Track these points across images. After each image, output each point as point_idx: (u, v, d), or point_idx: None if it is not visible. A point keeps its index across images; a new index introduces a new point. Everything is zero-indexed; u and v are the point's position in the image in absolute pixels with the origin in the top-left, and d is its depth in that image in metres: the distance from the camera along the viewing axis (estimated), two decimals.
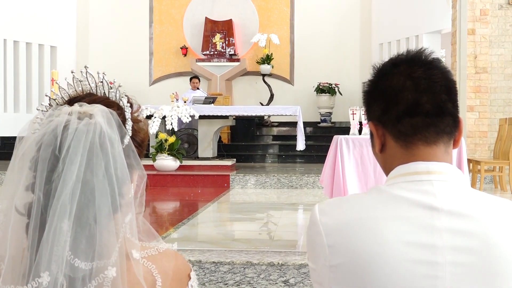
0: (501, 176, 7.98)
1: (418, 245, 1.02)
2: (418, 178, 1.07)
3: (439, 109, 1.10)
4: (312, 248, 1.11)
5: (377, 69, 1.18)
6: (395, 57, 1.17)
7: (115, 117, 1.03)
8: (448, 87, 1.11)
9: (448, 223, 1.03)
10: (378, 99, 1.15)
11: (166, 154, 8.98)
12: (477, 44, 9.31)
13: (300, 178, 8.68)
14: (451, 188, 1.07)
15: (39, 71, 12.16)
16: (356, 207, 1.09)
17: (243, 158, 11.49)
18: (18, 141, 1.03)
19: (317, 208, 1.12)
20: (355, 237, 1.04)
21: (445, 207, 1.04)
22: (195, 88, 11.63)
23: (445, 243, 1.02)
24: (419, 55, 1.14)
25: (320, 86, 13.09)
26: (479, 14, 9.28)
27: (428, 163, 1.09)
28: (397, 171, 1.11)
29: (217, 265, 3.78)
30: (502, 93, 9.34)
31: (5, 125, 11.14)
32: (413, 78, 1.11)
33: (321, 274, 1.08)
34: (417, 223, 1.03)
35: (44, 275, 0.93)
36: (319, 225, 1.08)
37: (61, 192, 0.95)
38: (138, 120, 1.13)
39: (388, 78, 1.13)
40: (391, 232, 1.03)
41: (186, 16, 13.93)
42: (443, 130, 1.11)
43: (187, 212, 6.51)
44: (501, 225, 1.04)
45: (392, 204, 1.06)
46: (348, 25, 13.54)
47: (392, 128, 1.12)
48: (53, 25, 12.34)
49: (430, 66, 1.12)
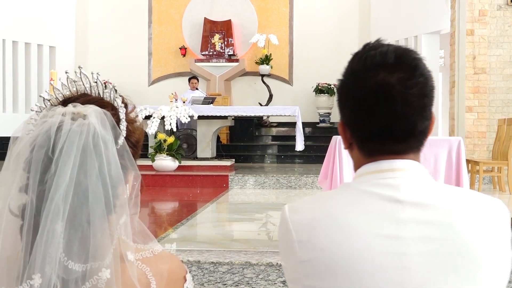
0: (500, 176, 7.98)
1: (385, 237, 1.04)
2: (383, 176, 1.09)
3: (410, 132, 1.09)
4: (283, 246, 1.12)
5: (350, 66, 1.14)
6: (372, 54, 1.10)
7: (109, 117, 1.02)
8: (423, 104, 1.09)
9: (413, 215, 1.05)
10: (348, 105, 1.13)
11: (165, 154, 8.98)
12: (476, 45, 9.32)
13: (299, 179, 8.68)
14: (414, 181, 1.08)
15: (38, 71, 12.16)
16: (325, 204, 1.11)
17: (242, 158, 11.49)
18: (12, 142, 1.03)
19: (286, 207, 1.13)
20: (324, 232, 1.06)
21: (409, 199, 1.06)
22: (194, 88, 11.63)
23: (411, 234, 1.04)
24: (399, 59, 1.09)
25: (319, 86, 13.10)
26: (478, 14, 9.29)
27: (392, 161, 1.10)
28: (363, 169, 1.13)
29: (216, 266, 3.78)
30: (501, 93, 9.35)
31: (4, 125, 11.13)
32: (388, 99, 1.07)
33: (293, 271, 1.09)
34: (383, 216, 1.05)
35: (36, 277, 0.92)
36: (288, 223, 1.10)
37: (54, 194, 0.94)
38: (133, 120, 1.12)
39: (359, 83, 1.10)
40: (359, 226, 1.05)
41: (185, 17, 13.93)
42: (413, 146, 1.12)
43: (186, 213, 6.50)
44: (464, 214, 1.06)
45: (360, 199, 1.08)
46: (347, 25, 13.55)
47: (359, 141, 1.13)
48: (52, 25, 12.34)
49: (411, 76, 1.07)
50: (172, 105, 9.14)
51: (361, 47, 1.14)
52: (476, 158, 8.61)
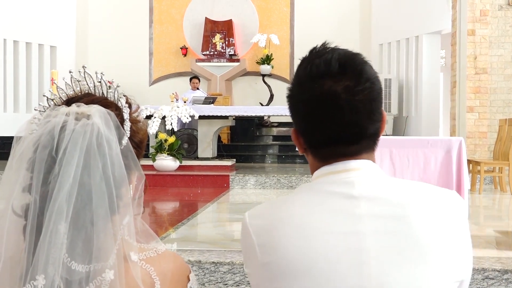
0: (501, 177, 7.97)
1: (343, 234, 1.05)
2: (338, 176, 1.11)
3: (360, 136, 1.11)
4: (244, 251, 1.14)
5: (297, 74, 1.14)
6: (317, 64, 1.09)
7: (113, 117, 1.02)
8: (371, 109, 1.10)
9: (368, 209, 1.07)
10: (298, 114, 1.14)
11: (165, 154, 8.97)
12: (477, 45, 9.31)
13: (300, 179, 8.68)
14: (368, 178, 1.11)
15: (39, 71, 12.17)
16: (283, 207, 1.13)
17: (243, 158, 11.48)
18: (16, 141, 1.02)
19: (247, 213, 1.15)
20: (283, 234, 1.07)
21: (364, 195, 1.08)
22: (195, 88, 11.62)
23: (368, 229, 1.05)
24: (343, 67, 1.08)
25: None
26: (479, 14, 9.28)
27: (346, 162, 1.12)
28: (319, 172, 1.15)
29: (217, 265, 3.78)
30: (502, 93, 9.34)
31: (5, 125, 11.14)
32: (335, 107, 1.08)
33: (256, 276, 1.11)
34: (340, 213, 1.07)
35: (39, 278, 0.92)
36: (248, 228, 1.12)
37: (57, 194, 0.94)
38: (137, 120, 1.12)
39: (306, 93, 1.10)
40: (317, 225, 1.06)
41: (186, 16, 13.93)
42: (365, 147, 1.13)
43: (186, 212, 6.50)
44: (417, 206, 1.07)
45: (316, 198, 1.10)
46: (348, 25, 13.54)
47: (312, 149, 1.15)
48: (53, 25, 12.34)
49: (357, 83, 1.08)
50: (173, 105, 9.14)
51: (308, 53, 1.15)
52: (477, 158, 8.60)
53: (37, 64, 12.12)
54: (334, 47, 1.13)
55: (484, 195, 7.58)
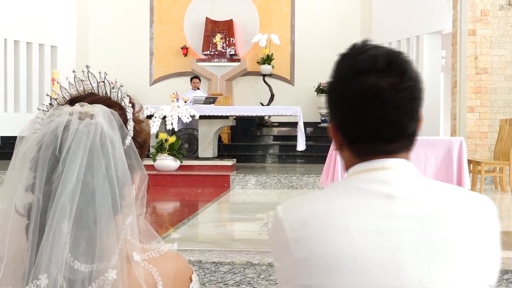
0: (502, 177, 7.97)
1: (380, 232, 1.05)
2: (375, 174, 1.11)
3: (400, 134, 1.12)
4: (276, 246, 1.12)
5: (339, 69, 1.14)
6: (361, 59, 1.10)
7: (117, 117, 1.02)
8: (413, 108, 1.11)
9: (406, 209, 1.07)
10: (338, 108, 1.14)
11: (166, 154, 8.98)
12: (478, 45, 9.31)
13: (301, 179, 8.68)
14: (405, 177, 1.11)
15: (40, 70, 12.16)
16: (317, 202, 1.11)
17: (243, 158, 11.49)
18: (19, 141, 1.02)
19: (279, 207, 1.14)
20: (319, 230, 1.06)
21: (402, 194, 1.08)
22: (196, 88, 11.63)
23: (404, 228, 1.05)
24: (390, 64, 1.09)
25: (320, 86, 13.08)
26: (480, 14, 9.28)
27: (384, 160, 1.12)
28: (354, 168, 1.14)
29: (217, 265, 3.78)
30: (503, 93, 9.34)
31: (5, 124, 11.14)
32: (378, 104, 1.08)
33: (288, 271, 1.09)
34: (377, 212, 1.07)
35: (42, 277, 0.92)
36: (282, 222, 1.10)
37: (61, 194, 0.93)
38: (140, 120, 1.11)
39: (349, 88, 1.10)
40: (352, 222, 1.06)
41: (186, 16, 13.93)
42: (403, 146, 1.14)
43: (187, 212, 6.50)
44: (453, 208, 1.09)
45: (351, 195, 1.09)
46: (349, 25, 13.54)
47: (349, 144, 1.15)
48: (54, 24, 12.34)
49: (401, 81, 1.08)
50: (174, 105, 9.14)
51: (348, 49, 1.14)
52: (477, 158, 8.60)
53: (37, 64, 12.12)
54: (375, 44, 1.13)
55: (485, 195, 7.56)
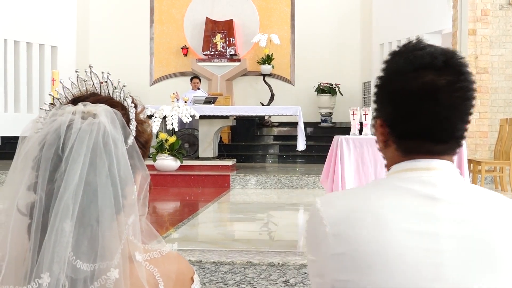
0: (502, 176, 7.97)
1: (421, 233, 1.04)
2: (419, 174, 1.10)
3: (451, 134, 1.11)
4: (313, 239, 1.11)
5: (394, 64, 1.13)
6: (420, 55, 1.09)
7: (119, 117, 1.02)
8: (466, 108, 1.11)
9: (449, 212, 1.05)
10: (390, 103, 1.13)
11: (166, 154, 8.98)
12: (478, 45, 9.31)
13: (301, 178, 8.68)
14: (449, 180, 1.09)
15: (40, 71, 12.17)
16: (358, 198, 1.10)
17: (244, 158, 11.49)
18: (21, 140, 1.02)
19: (318, 200, 1.13)
20: (359, 226, 1.05)
21: (446, 197, 1.07)
22: (196, 88, 11.63)
23: (446, 232, 1.04)
24: (448, 62, 1.08)
25: (320, 86, 13.09)
26: (480, 14, 9.28)
27: (428, 160, 1.11)
28: (397, 167, 1.13)
29: (218, 265, 3.78)
30: (503, 93, 9.34)
31: (6, 125, 11.14)
32: (434, 101, 1.07)
33: (323, 265, 1.08)
34: (418, 212, 1.05)
35: (44, 276, 0.91)
36: (321, 215, 1.09)
37: (63, 192, 0.93)
38: (143, 121, 1.12)
39: (405, 83, 1.09)
40: (393, 221, 1.05)
41: (186, 16, 13.93)
42: (450, 148, 1.13)
43: (187, 212, 6.50)
44: (496, 215, 1.07)
45: (394, 194, 1.08)
46: (349, 25, 13.54)
47: (397, 139, 1.13)
48: (54, 25, 12.34)
49: (457, 80, 1.08)
50: (174, 105, 9.14)
51: (403, 46, 1.13)
52: (478, 158, 8.60)
53: (37, 64, 12.12)
54: (430, 44, 1.13)
55: None
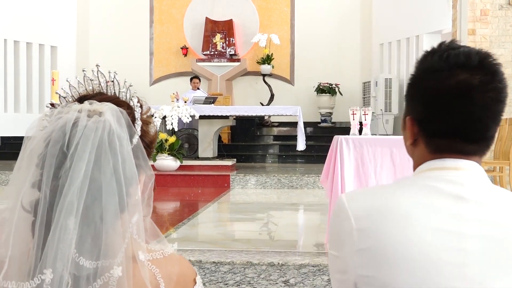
0: (502, 176, 7.97)
1: (446, 232, 1.04)
2: (447, 173, 1.10)
3: (481, 134, 1.11)
4: (337, 234, 1.11)
5: (427, 62, 1.12)
6: (455, 54, 1.09)
7: (125, 116, 1.02)
8: (497, 110, 1.10)
9: (476, 212, 1.05)
10: (421, 101, 1.13)
11: (166, 154, 8.98)
12: (478, 44, 9.30)
13: (301, 178, 8.68)
14: (477, 181, 1.09)
15: (40, 71, 12.16)
16: (384, 194, 1.10)
17: (244, 158, 11.49)
18: (26, 138, 1.03)
19: (344, 195, 1.13)
20: (384, 222, 1.06)
21: (473, 198, 1.06)
22: (196, 88, 11.63)
23: (473, 232, 1.04)
24: (482, 62, 1.09)
25: (320, 86, 13.09)
26: (480, 14, 9.28)
27: (457, 160, 1.11)
28: (425, 166, 1.13)
29: (217, 265, 3.78)
30: None
31: (5, 125, 11.14)
32: (468, 100, 1.07)
33: (346, 261, 1.08)
34: (445, 211, 1.05)
35: (47, 272, 0.92)
36: (347, 210, 1.09)
37: (68, 189, 0.94)
38: (148, 121, 1.12)
39: (439, 81, 1.09)
40: (420, 219, 1.04)
41: (186, 16, 13.93)
42: (479, 150, 1.12)
43: (187, 212, 6.51)
44: None
45: (421, 192, 1.08)
46: (349, 25, 13.54)
47: (427, 137, 1.13)
48: (54, 25, 12.34)
49: (491, 80, 1.08)
50: (174, 105, 9.15)
51: (437, 46, 1.13)
52: None
53: (37, 64, 12.12)
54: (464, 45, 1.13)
55: None
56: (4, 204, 1.00)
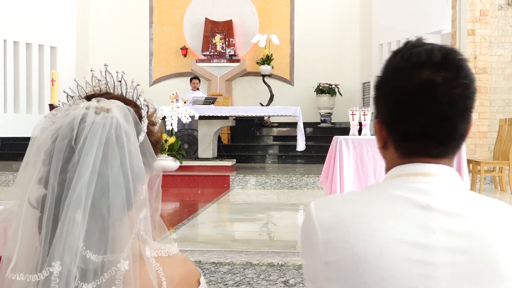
0: (501, 176, 7.98)
1: (413, 244, 1.00)
2: (415, 180, 1.06)
3: (451, 133, 1.07)
4: (306, 244, 1.09)
5: (391, 63, 1.10)
6: (417, 52, 1.07)
7: (132, 113, 1.03)
8: (466, 106, 1.07)
9: (444, 224, 1.02)
10: (387, 103, 1.10)
11: (166, 154, 8.98)
12: (477, 45, 9.32)
13: (300, 179, 8.68)
14: (448, 189, 1.05)
15: (39, 71, 12.16)
16: (352, 204, 1.07)
17: (243, 158, 11.49)
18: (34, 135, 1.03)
19: (312, 204, 1.10)
20: (350, 234, 1.03)
21: (441, 207, 1.03)
22: (195, 88, 11.63)
23: (440, 243, 1.01)
24: (445, 58, 1.06)
25: (320, 86, 13.09)
26: (479, 14, 9.29)
27: (426, 165, 1.07)
28: (394, 171, 1.09)
29: (217, 266, 3.78)
30: (502, 93, 9.34)
31: (5, 125, 11.14)
32: (432, 98, 1.04)
33: (315, 271, 1.06)
34: (413, 222, 1.02)
35: (55, 264, 0.92)
36: (314, 222, 1.07)
37: (76, 183, 0.94)
38: (154, 122, 1.13)
39: (402, 81, 1.06)
40: (386, 230, 1.01)
41: (186, 17, 13.93)
42: (450, 150, 1.09)
43: (187, 213, 6.50)
44: (495, 226, 1.03)
45: (388, 202, 1.04)
46: (348, 25, 13.55)
47: (396, 140, 1.10)
48: (53, 25, 12.34)
49: (456, 76, 1.05)
50: (173, 106, 9.15)
51: (402, 45, 1.11)
52: (477, 158, 8.60)
53: (37, 65, 12.12)
54: (430, 42, 1.10)
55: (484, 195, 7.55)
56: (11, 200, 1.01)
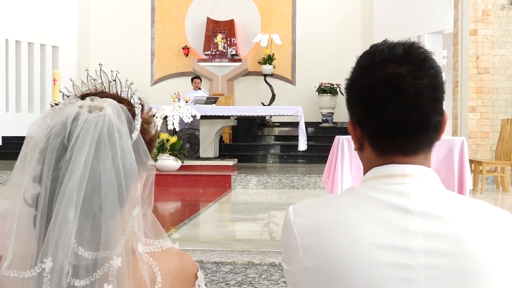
0: (503, 176, 7.97)
1: (391, 248, 1.00)
2: (393, 181, 1.05)
3: (422, 125, 1.06)
4: (286, 249, 1.09)
5: (358, 63, 1.12)
6: (380, 49, 1.09)
7: (125, 111, 1.04)
8: (435, 97, 1.06)
9: (422, 226, 1.01)
10: (356, 101, 1.10)
11: (167, 154, 8.98)
12: (479, 45, 9.30)
13: (302, 179, 8.68)
14: (426, 190, 1.05)
15: (41, 71, 12.18)
16: (330, 208, 1.07)
17: (245, 158, 11.49)
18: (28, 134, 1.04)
19: (291, 209, 1.10)
20: (329, 239, 1.02)
21: (419, 209, 1.02)
22: (197, 88, 11.63)
23: (419, 246, 1.00)
24: (407, 51, 1.07)
25: (321, 86, 13.09)
26: (481, 14, 9.28)
27: (403, 166, 1.07)
28: (372, 173, 1.09)
29: (219, 265, 3.78)
30: (504, 93, 9.33)
31: (7, 124, 11.15)
32: (398, 90, 1.04)
33: (295, 276, 1.06)
34: (390, 226, 1.01)
35: (47, 260, 0.93)
36: (293, 227, 1.07)
37: (68, 180, 0.95)
38: (149, 121, 1.13)
39: (368, 77, 1.08)
40: (364, 234, 1.01)
41: (187, 16, 13.93)
42: (424, 143, 1.08)
43: (188, 212, 6.51)
44: (475, 227, 1.02)
45: (366, 205, 1.04)
46: (350, 25, 13.54)
47: (370, 137, 1.10)
48: (55, 25, 12.36)
49: (420, 67, 1.05)
50: (175, 105, 9.15)
51: (369, 47, 1.13)
52: (479, 158, 8.59)
53: (39, 64, 12.14)
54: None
55: (486, 195, 7.58)
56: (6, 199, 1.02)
